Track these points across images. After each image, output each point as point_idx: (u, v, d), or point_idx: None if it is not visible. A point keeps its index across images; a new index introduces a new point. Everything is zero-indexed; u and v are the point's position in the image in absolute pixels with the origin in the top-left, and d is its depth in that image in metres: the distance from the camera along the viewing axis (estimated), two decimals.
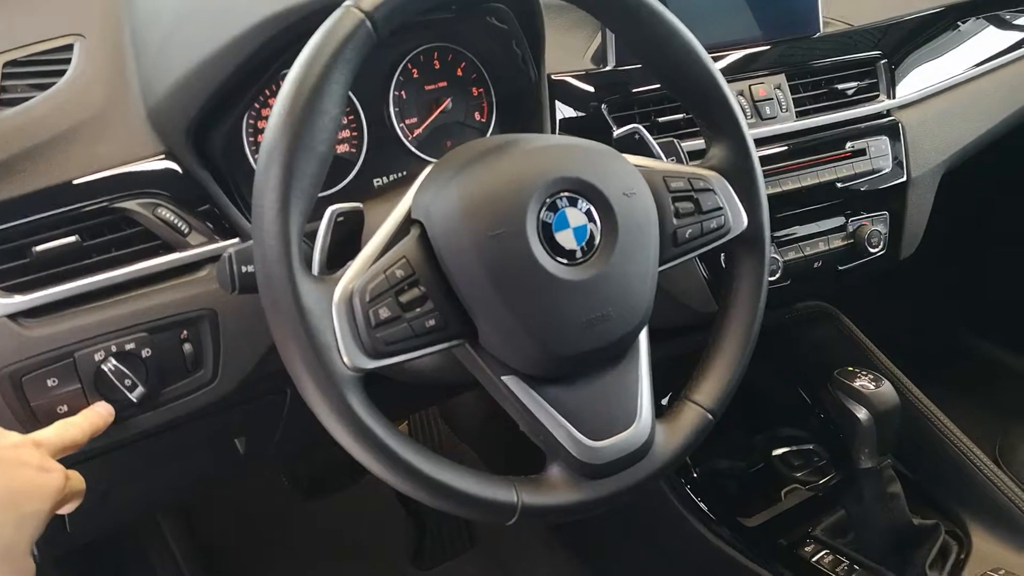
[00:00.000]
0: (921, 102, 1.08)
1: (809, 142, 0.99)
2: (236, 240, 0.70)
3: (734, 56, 0.97)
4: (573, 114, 0.86)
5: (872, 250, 1.02)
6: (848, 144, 1.01)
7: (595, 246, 0.58)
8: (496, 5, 0.78)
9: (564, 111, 0.85)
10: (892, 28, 1.09)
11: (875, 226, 1.02)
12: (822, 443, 1.18)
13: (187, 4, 0.73)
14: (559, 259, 0.57)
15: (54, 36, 0.74)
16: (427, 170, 0.60)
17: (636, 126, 0.73)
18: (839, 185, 1.00)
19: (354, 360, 0.53)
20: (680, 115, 0.91)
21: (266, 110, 0.75)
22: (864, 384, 0.92)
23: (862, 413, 0.91)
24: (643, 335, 0.63)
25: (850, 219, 1.02)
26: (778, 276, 0.97)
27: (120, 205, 0.67)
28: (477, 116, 0.85)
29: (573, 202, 0.58)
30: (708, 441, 0.67)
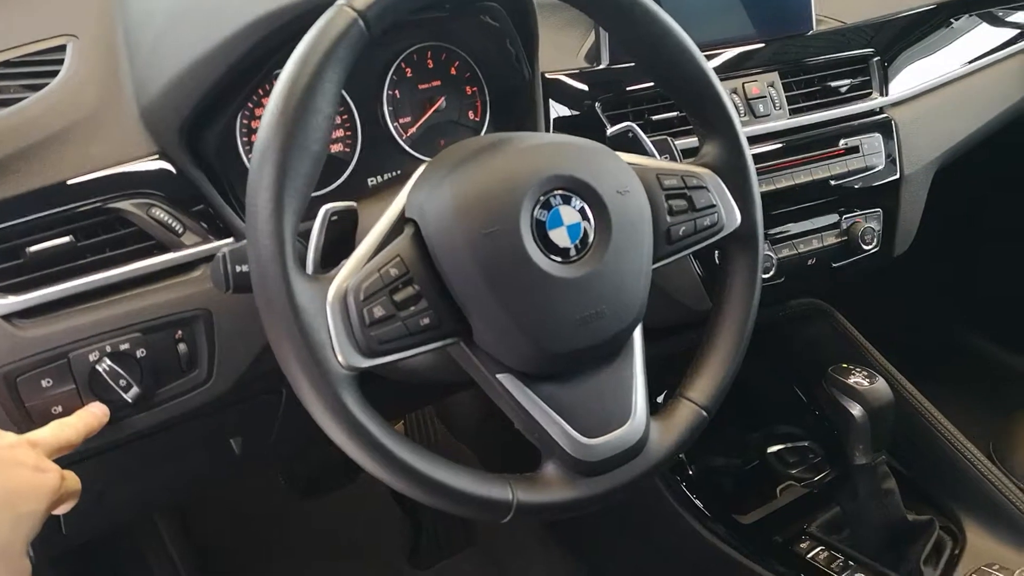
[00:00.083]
0: (914, 99, 1.08)
1: (803, 140, 0.99)
2: (230, 240, 0.70)
3: (728, 54, 0.97)
4: (567, 113, 0.86)
5: (866, 247, 1.02)
6: (841, 141, 1.01)
7: (589, 244, 0.58)
8: (489, 4, 0.77)
9: (558, 110, 0.86)
10: (885, 26, 1.09)
11: (869, 223, 1.02)
12: (817, 440, 1.18)
13: (180, 4, 0.73)
14: (553, 257, 0.57)
15: (47, 37, 0.74)
16: (421, 169, 0.60)
17: (630, 124, 0.73)
18: (833, 182, 1.00)
19: (348, 359, 0.53)
20: (674, 113, 0.91)
21: (259, 110, 0.75)
22: (858, 381, 0.93)
23: (856, 410, 0.91)
24: (637, 332, 0.63)
25: (844, 216, 1.02)
26: (772, 273, 0.97)
27: (114, 205, 0.67)
28: (471, 115, 0.85)
29: (567, 200, 0.58)
30: (703, 439, 0.67)
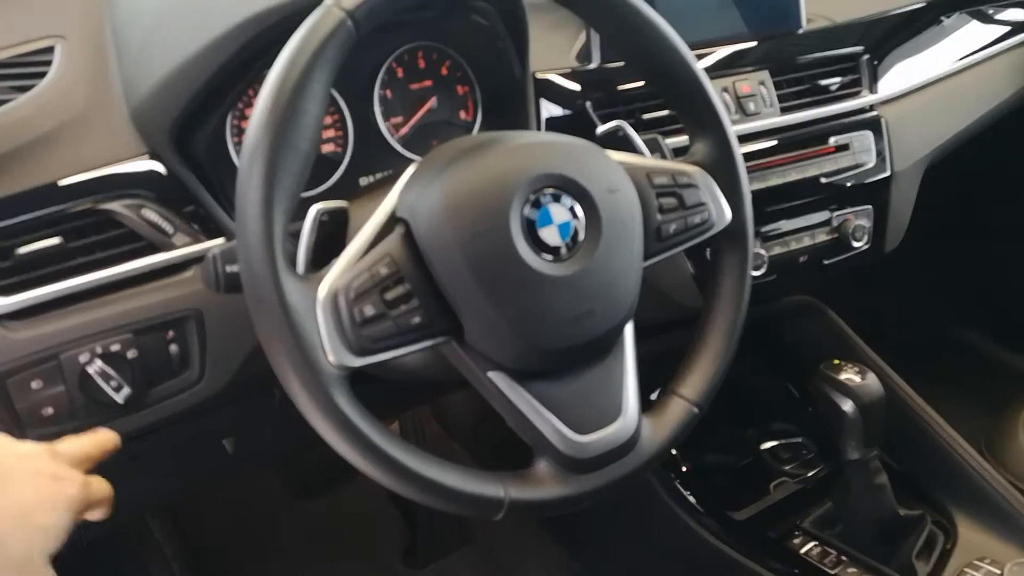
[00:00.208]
0: (904, 97, 1.08)
1: (793, 137, 0.99)
2: (221, 240, 0.70)
3: (718, 53, 0.97)
4: (558, 112, 0.86)
5: (856, 244, 1.03)
6: (832, 139, 1.01)
7: (579, 242, 0.59)
8: (480, 4, 0.78)
9: (549, 109, 0.86)
10: (875, 24, 1.09)
11: (859, 220, 1.03)
12: (810, 436, 1.19)
13: (168, 4, 0.73)
14: (543, 255, 0.57)
15: (35, 38, 0.73)
16: (411, 168, 0.61)
17: (620, 122, 0.73)
18: (823, 180, 1.01)
19: (339, 358, 0.53)
20: (664, 112, 0.91)
21: (249, 110, 0.75)
22: (849, 376, 0.93)
23: (848, 405, 0.92)
24: (628, 329, 0.63)
25: (834, 213, 1.02)
26: (764, 271, 0.97)
27: (104, 206, 0.67)
28: (462, 115, 0.85)
29: (557, 198, 0.58)
30: (697, 436, 0.67)
